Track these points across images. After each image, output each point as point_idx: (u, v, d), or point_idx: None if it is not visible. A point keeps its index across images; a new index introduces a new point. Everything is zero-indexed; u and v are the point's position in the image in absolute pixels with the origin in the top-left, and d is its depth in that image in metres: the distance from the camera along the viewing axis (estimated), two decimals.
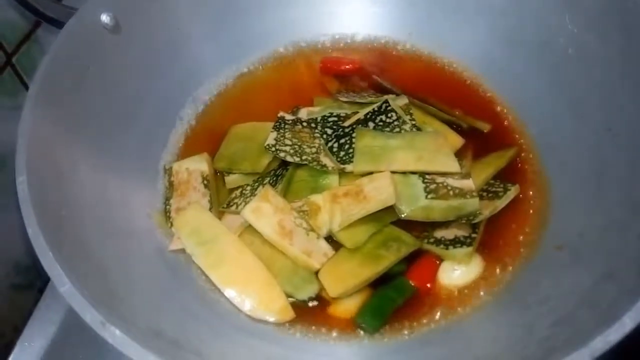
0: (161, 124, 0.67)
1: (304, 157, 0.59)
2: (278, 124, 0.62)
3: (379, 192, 0.55)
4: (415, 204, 0.55)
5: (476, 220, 0.56)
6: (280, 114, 0.63)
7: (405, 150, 0.58)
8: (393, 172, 0.56)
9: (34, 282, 0.75)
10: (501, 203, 0.58)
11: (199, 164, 0.62)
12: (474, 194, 0.55)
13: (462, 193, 0.55)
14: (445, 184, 0.56)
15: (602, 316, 0.41)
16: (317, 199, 0.56)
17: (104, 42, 0.60)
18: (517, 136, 0.65)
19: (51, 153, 0.52)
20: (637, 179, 0.51)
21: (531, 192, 0.60)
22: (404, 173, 0.57)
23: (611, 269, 0.47)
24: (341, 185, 0.58)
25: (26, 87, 0.72)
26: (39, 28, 0.70)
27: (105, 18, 0.59)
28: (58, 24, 0.65)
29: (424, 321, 0.54)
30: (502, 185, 0.60)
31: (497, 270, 0.56)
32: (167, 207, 0.60)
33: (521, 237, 0.58)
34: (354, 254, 0.55)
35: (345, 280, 0.53)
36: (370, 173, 0.57)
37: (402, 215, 0.55)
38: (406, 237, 0.56)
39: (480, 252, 0.57)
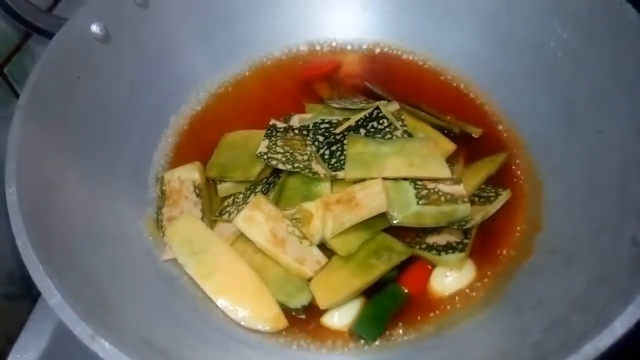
0: (152, 132, 0.67)
1: (295, 165, 0.58)
2: (270, 131, 0.62)
3: (371, 199, 0.55)
4: (407, 210, 0.55)
5: (468, 226, 0.56)
6: (272, 121, 0.63)
7: (397, 156, 0.58)
8: (384, 179, 0.57)
9: (27, 292, 0.75)
10: (493, 208, 0.58)
11: (190, 173, 0.62)
12: (465, 199, 0.55)
13: (453, 199, 0.55)
14: (436, 189, 0.56)
15: (594, 320, 0.41)
16: (310, 206, 0.56)
17: (94, 52, 0.60)
18: (508, 140, 0.65)
19: (41, 163, 0.51)
20: (628, 181, 0.51)
21: (523, 196, 0.61)
22: (395, 179, 0.57)
23: (603, 273, 0.47)
24: (333, 193, 0.58)
25: (17, 97, 0.72)
26: (30, 39, 0.70)
27: (95, 28, 0.59)
28: (48, 35, 0.65)
29: (417, 328, 0.54)
30: (493, 190, 0.60)
31: (490, 275, 0.56)
32: (159, 216, 0.60)
33: (513, 241, 0.58)
34: (346, 263, 0.55)
35: (336, 292, 0.53)
36: (362, 180, 0.57)
37: (394, 222, 0.55)
38: (397, 246, 0.56)
39: (473, 257, 0.57)
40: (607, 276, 0.46)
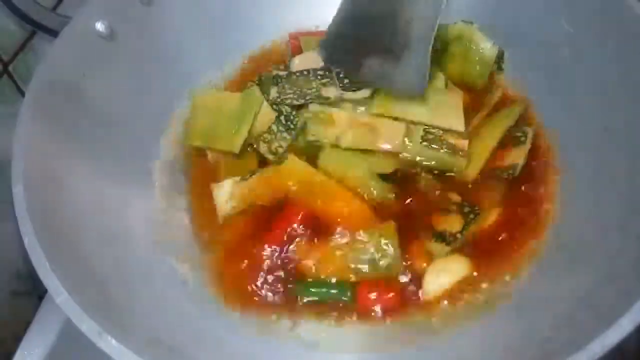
0: (158, 128, 0.66)
1: (307, 98, 0.61)
2: (275, 80, 0.63)
3: (391, 138, 0.60)
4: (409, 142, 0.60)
5: (517, 173, 0.59)
6: (274, 71, 0.64)
7: (420, 103, 0.60)
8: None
9: (34, 289, 0.75)
10: (527, 146, 0.60)
11: None
12: (463, 154, 0.59)
13: (454, 150, 0.59)
14: (442, 137, 0.60)
15: (601, 318, 0.41)
16: (336, 114, 0.60)
17: (99, 49, 0.60)
18: None
19: (47, 161, 0.52)
20: (635, 179, 0.51)
21: (530, 194, 0.60)
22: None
23: (610, 270, 0.47)
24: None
25: (23, 95, 0.72)
26: (35, 37, 0.71)
27: (99, 26, 0.59)
28: (53, 33, 0.65)
29: (424, 328, 0.53)
30: (520, 131, 0.62)
31: (497, 272, 0.56)
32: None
33: (520, 239, 0.57)
34: None
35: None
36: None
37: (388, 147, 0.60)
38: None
39: (478, 255, 0.57)
40: (614, 274, 0.46)
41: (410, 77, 0.57)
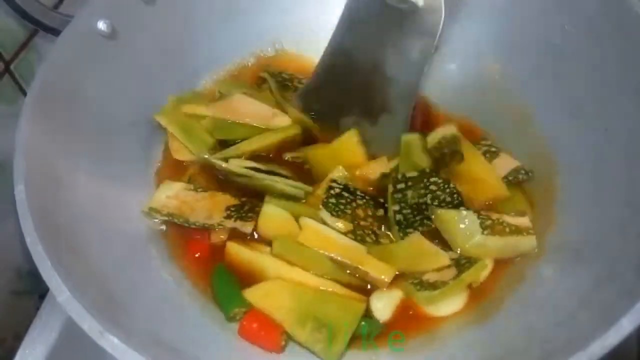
0: (159, 128, 0.66)
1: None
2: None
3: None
4: (471, 240, 0.54)
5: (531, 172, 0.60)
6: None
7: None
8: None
9: (35, 288, 0.76)
10: (504, 151, 0.62)
11: None
12: (531, 231, 0.55)
13: (518, 230, 0.55)
14: (500, 220, 0.56)
15: (601, 318, 0.41)
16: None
17: (101, 48, 0.60)
18: None
19: (49, 161, 0.52)
20: (635, 178, 0.51)
21: (531, 194, 0.61)
22: (457, 209, 0.56)
23: (611, 270, 0.47)
24: None
25: (24, 94, 0.72)
26: (37, 36, 0.71)
27: (101, 25, 0.59)
28: (55, 32, 0.65)
29: (422, 336, 0.54)
30: (483, 146, 0.63)
31: (497, 272, 0.56)
32: None
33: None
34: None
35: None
36: None
37: (458, 251, 0.55)
38: None
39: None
40: (614, 274, 0.46)
41: (385, 140, 0.56)
